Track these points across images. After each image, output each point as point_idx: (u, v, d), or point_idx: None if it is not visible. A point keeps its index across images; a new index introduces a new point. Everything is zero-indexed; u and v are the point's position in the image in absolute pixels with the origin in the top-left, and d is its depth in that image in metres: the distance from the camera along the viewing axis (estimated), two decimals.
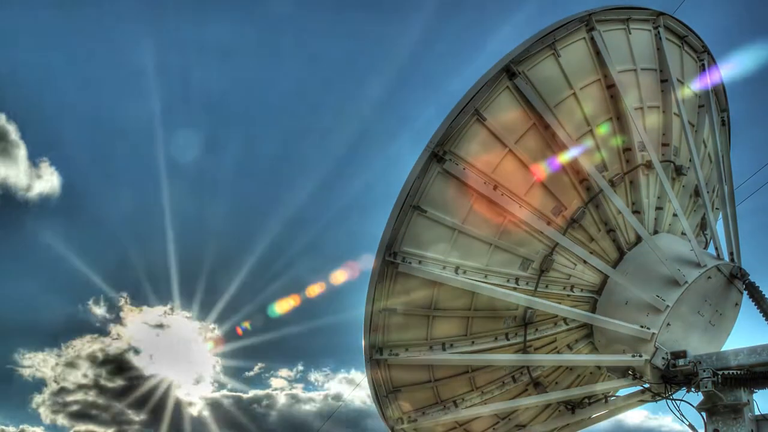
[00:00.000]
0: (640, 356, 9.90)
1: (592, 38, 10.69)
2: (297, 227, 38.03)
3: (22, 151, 34.91)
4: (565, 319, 11.40)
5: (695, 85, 11.81)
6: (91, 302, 38.29)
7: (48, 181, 35.88)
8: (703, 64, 12.30)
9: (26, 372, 39.24)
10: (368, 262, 10.64)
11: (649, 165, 11.25)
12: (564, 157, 10.52)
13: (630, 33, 11.28)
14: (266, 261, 34.87)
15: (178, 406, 35.20)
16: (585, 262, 10.92)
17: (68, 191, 36.49)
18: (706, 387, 9.12)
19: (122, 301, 37.63)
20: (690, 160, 11.68)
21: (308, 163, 39.98)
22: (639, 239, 11.19)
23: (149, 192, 37.57)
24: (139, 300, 37.95)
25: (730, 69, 12.39)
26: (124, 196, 38.72)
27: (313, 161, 39.69)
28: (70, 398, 38.53)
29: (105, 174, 38.74)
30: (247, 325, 31.84)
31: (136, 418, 36.39)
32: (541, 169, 10.45)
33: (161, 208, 34.83)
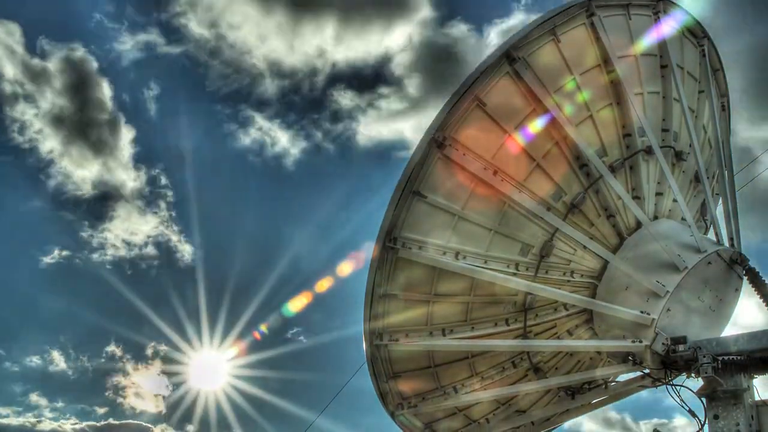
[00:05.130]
0: (640, 342, 9.90)
1: (592, 24, 10.66)
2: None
3: None
4: (565, 305, 11.39)
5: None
6: None
7: None
8: (703, 50, 12.27)
9: None
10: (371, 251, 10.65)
11: (649, 150, 11.22)
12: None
13: (630, 18, 11.25)
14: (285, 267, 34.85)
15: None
16: (585, 247, 10.90)
17: None
18: (706, 373, 9.11)
19: None
20: (690, 146, 11.67)
21: None
22: (639, 225, 11.18)
23: None
24: None
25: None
26: None
27: None
28: None
29: None
30: (264, 328, 31.56)
31: None
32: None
33: None
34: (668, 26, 11.62)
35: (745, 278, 10.87)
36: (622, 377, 11.74)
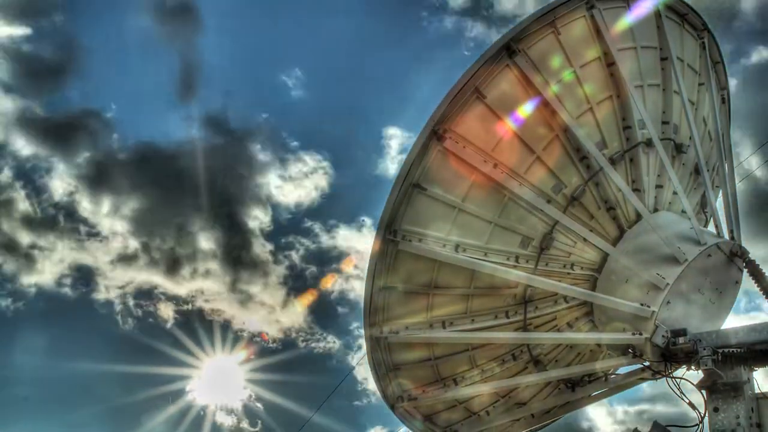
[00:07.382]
0: (640, 334, 9.90)
1: (592, 16, 10.64)
2: None
3: None
4: (565, 297, 11.39)
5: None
6: None
7: None
8: (704, 43, 12.25)
9: None
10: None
11: (649, 143, 11.21)
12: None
13: (630, 10, 11.22)
14: None
15: None
16: (585, 240, 10.90)
17: None
18: (706, 365, 9.09)
19: None
20: (690, 138, 11.65)
21: None
22: (639, 217, 11.16)
23: None
24: None
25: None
26: None
27: None
28: None
29: None
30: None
31: None
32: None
33: None
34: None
35: (745, 270, 10.87)
36: (623, 370, 11.75)
